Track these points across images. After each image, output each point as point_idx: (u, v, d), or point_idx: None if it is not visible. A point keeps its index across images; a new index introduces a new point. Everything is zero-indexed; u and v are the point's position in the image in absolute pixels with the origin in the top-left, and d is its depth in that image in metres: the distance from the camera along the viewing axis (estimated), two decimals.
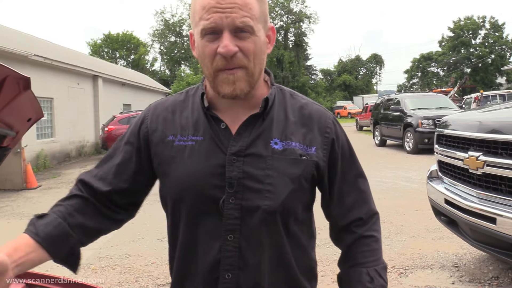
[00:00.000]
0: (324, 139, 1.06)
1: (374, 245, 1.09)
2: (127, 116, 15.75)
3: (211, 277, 1.00)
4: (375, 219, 1.13)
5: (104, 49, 51.07)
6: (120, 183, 1.08)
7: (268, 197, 0.98)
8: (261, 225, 0.99)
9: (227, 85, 0.96)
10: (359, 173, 1.13)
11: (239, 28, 0.93)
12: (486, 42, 51.73)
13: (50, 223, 0.99)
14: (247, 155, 1.00)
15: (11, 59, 11.12)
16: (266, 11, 1.01)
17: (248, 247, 0.99)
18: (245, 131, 1.02)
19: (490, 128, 3.01)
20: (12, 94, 1.18)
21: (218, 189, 0.99)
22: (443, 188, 3.57)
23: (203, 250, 1.01)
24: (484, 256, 4.07)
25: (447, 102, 14.47)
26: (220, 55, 0.94)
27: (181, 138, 1.04)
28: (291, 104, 1.08)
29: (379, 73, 64.53)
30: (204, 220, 1.01)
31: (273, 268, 1.02)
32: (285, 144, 1.02)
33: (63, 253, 0.99)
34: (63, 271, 4.23)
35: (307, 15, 52.70)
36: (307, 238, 1.11)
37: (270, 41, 1.05)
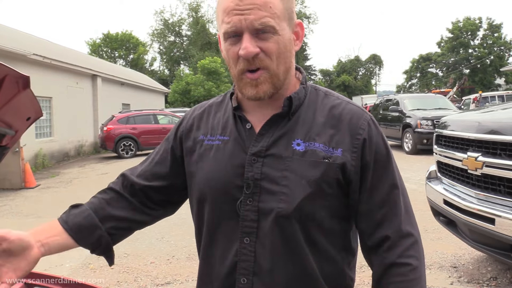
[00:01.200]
0: (354, 140, 0.97)
1: (410, 275, 0.94)
2: (126, 115, 15.76)
3: (228, 281, 0.99)
4: (410, 242, 0.97)
5: (103, 48, 51.00)
6: (156, 181, 1.11)
7: (282, 199, 0.94)
8: (276, 229, 0.94)
9: (250, 87, 0.95)
10: (394, 184, 1.00)
11: (259, 29, 0.91)
12: (485, 43, 51.79)
13: (80, 213, 1.05)
14: (267, 155, 0.97)
15: (10, 58, 11.10)
16: (291, 8, 0.98)
17: (263, 252, 0.95)
18: (267, 131, 0.99)
19: (489, 129, 3.01)
20: (12, 93, 1.18)
21: (237, 190, 0.97)
22: (442, 188, 3.57)
23: (222, 253, 1.00)
24: (483, 257, 4.08)
25: (446, 103, 14.49)
26: (242, 58, 0.93)
27: (210, 137, 1.05)
28: (323, 104, 1.02)
29: (378, 73, 64.58)
30: (223, 221, 1.00)
31: (291, 278, 0.96)
32: (307, 146, 0.96)
33: (89, 242, 1.05)
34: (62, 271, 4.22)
35: (307, 15, 52.76)
36: (340, 252, 1.01)
37: (299, 37, 1.02)
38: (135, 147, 15.18)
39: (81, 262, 4.46)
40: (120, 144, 15.04)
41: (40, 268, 1.18)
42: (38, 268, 1.07)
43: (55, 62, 14.01)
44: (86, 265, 4.38)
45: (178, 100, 33.86)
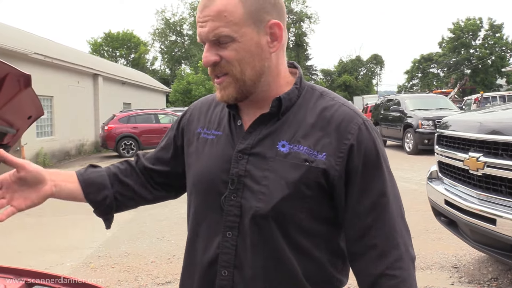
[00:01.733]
0: (341, 145, 0.95)
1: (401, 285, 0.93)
2: (127, 114, 15.77)
3: (210, 272, 1.02)
4: (397, 254, 0.94)
5: (105, 47, 51.04)
6: (159, 165, 1.19)
7: (261, 199, 0.95)
8: (254, 226, 0.96)
9: (218, 91, 1.00)
10: (384, 191, 0.97)
11: (212, 40, 0.94)
12: (486, 44, 51.75)
13: (95, 172, 1.15)
14: (252, 154, 0.99)
15: (11, 57, 11.12)
16: (259, 10, 0.94)
17: (244, 247, 0.98)
18: (255, 129, 1.01)
19: (490, 129, 3.00)
20: (13, 92, 1.18)
21: (223, 185, 1.00)
22: (443, 189, 3.57)
23: (205, 244, 1.04)
24: (484, 257, 4.07)
25: (447, 103, 14.49)
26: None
27: (207, 131, 1.10)
28: (315, 105, 1.01)
29: (379, 73, 64.57)
30: (209, 214, 1.03)
31: (270, 273, 0.97)
32: (292, 148, 0.96)
33: (95, 198, 1.13)
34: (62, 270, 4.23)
35: (308, 15, 52.76)
36: (326, 254, 1.00)
37: (276, 38, 0.97)
38: (136, 146, 15.18)
39: (81, 262, 4.46)
40: (121, 143, 15.04)
41: (40, 267, 1.18)
42: (38, 267, 1.07)
43: (57, 61, 14.02)
44: (87, 264, 4.38)
45: (179, 100, 33.88)
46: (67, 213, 6.83)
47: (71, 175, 1.13)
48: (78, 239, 5.23)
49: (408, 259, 0.96)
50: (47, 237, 5.44)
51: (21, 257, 4.66)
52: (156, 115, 16.14)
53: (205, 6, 0.93)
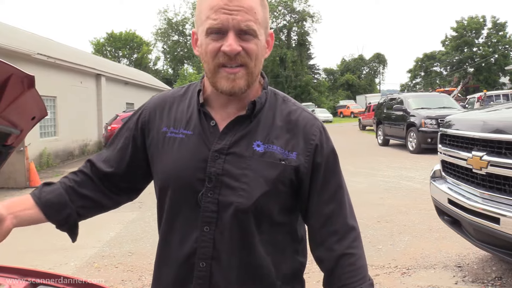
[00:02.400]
0: (307, 145, 1.07)
1: (357, 263, 1.07)
2: (130, 114, 15.77)
3: (187, 264, 1.07)
4: (355, 235, 1.09)
5: (107, 48, 51.17)
6: (119, 168, 1.17)
7: (241, 195, 1.02)
8: (233, 221, 1.03)
9: (226, 81, 1.01)
10: (340, 184, 1.11)
11: (243, 30, 0.98)
12: (489, 42, 51.54)
13: (52, 191, 1.12)
14: (229, 153, 1.04)
15: (14, 57, 11.15)
16: (267, 18, 1.07)
17: (221, 240, 1.04)
18: (231, 130, 1.06)
19: (494, 128, 2.99)
20: (17, 93, 1.19)
21: (199, 183, 1.04)
22: (447, 188, 3.56)
23: (181, 239, 1.08)
24: (487, 256, 4.06)
25: (450, 102, 14.44)
26: (222, 53, 0.99)
27: (173, 130, 1.11)
28: (281, 109, 1.11)
29: (382, 72, 64.44)
30: (184, 210, 1.07)
31: (243, 265, 1.06)
32: (266, 147, 1.05)
33: (58, 218, 1.12)
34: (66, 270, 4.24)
35: (310, 14, 52.65)
36: (289, 241, 1.12)
37: (269, 46, 1.10)
38: None
39: (85, 261, 4.48)
40: None
41: (44, 267, 1.19)
42: (42, 267, 1.08)
43: (59, 61, 14.05)
44: (91, 264, 4.40)
45: None
46: None
47: (27, 200, 1.10)
48: (82, 239, 5.19)
49: (360, 239, 1.11)
50: (51, 237, 5.46)
51: (25, 257, 4.68)
52: None
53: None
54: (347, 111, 44.31)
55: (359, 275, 1.06)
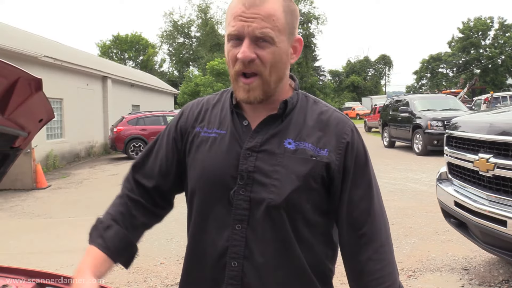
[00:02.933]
0: (339, 143, 1.07)
1: (386, 269, 1.05)
2: (136, 117, 15.85)
3: (219, 264, 1.06)
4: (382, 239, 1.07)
5: (113, 50, 51.44)
6: (165, 179, 1.18)
7: (273, 191, 1.03)
8: (266, 217, 1.03)
9: (242, 91, 1.04)
10: (370, 185, 1.10)
11: (258, 37, 0.99)
12: (496, 43, 51.25)
13: (116, 235, 1.11)
14: (260, 151, 1.06)
15: (21, 60, 11.23)
16: (294, 24, 1.06)
17: (254, 238, 1.04)
18: (262, 129, 1.08)
19: (501, 130, 2.98)
20: (24, 95, 1.20)
21: (231, 180, 1.06)
22: (453, 190, 3.54)
23: (213, 238, 1.08)
24: (494, 259, 4.03)
25: (457, 104, 14.36)
26: (239, 60, 1.01)
27: (207, 130, 1.13)
28: (312, 109, 1.12)
29: (387, 74, 64.26)
30: (216, 208, 1.08)
31: (278, 262, 1.05)
32: (298, 145, 1.06)
33: (126, 259, 1.13)
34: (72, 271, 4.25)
35: (316, 16, 52.64)
36: (323, 245, 1.10)
37: (296, 52, 1.10)
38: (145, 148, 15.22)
39: None
40: (130, 145, 15.13)
41: (51, 268, 1.20)
42: (49, 268, 1.08)
43: (66, 64, 14.14)
44: None
45: (187, 101, 33.97)
46: (77, 214, 6.89)
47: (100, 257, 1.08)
48: (87, 241, 5.24)
49: (389, 244, 1.09)
50: (57, 239, 5.49)
51: (32, 258, 4.70)
52: (165, 116, 16.20)
53: (253, 4, 0.99)
54: (353, 113, 44.16)
55: (388, 281, 1.04)
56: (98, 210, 1.18)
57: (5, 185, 9.22)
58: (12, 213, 7.21)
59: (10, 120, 1.23)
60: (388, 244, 1.08)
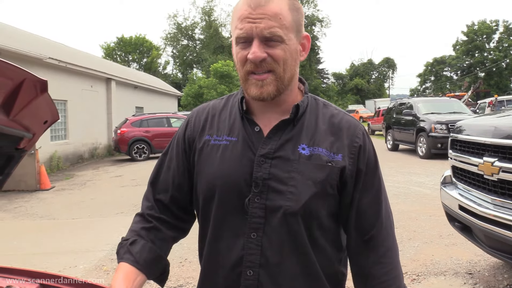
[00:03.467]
0: (351, 148, 1.07)
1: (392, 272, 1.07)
2: (140, 118, 15.89)
3: (234, 273, 1.05)
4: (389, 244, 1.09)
5: (117, 52, 51.61)
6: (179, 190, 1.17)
7: (290, 198, 1.02)
8: (283, 225, 1.02)
9: (255, 87, 1.03)
10: (379, 188, 1.11)
11: (267, 37, 0.99)
12: (501, 46, 51.10)
13: (142, 248, 1.10)
14: (275, 157, 1.04)
15: (26, 61, 11.29)
16: (300, 21, 1.06)
17: (270, 246, 1.02)
18: (275, 135, 1.07)
19: (505, 134, 2.96)
20: (30, 97, 1.20)
21: (246, 188, 1.04)
22: (457, 194, 3.52)
23: (228, 247, 1.06)
24: (499, 263, 4.01)
25: (461, 107, 14.31)
26: (249, 61, 1.01)
27: (217, 138, 1.11)
28: (322, 113, 1.11)
29: (391, 77, 64.17)
30: (230, 217, 1.06)
31: (294, 270, 1.03)
32: (312, 150, 1.05)
33: (158, 273, 1.13)
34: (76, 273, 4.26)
35: (319, 19, 52.74)
36: (333, 249, 1.10)
37: (305, 49, 1.10)
38: (148, 150, 15.29)
39: (94, 264, 4.50)
40: (133, 147, 15.17)
41: (54, 269, 1.20)
42: (52, 269, 1.08)
43: (70, 65, 14.20)
44: (100, 267, 4.41)
45: (191, 103, 34.04)
46: (80, 216, 6.90)
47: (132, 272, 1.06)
48: (91, 242, 5.27)
49: (395, 249, 1.10)
50: (61, 240, 5.50)
51: (35, 259, 4.71)
52: (168, 119, 16.24)
53: (259, 5, 0.99)
54: (356, 115, 44.03)
55: (393, 285, 1.06)
56: (101, 211, 1.18)
57: (9, 186, 9.26)
58: (15, 214, 7.23)
59: (15, 121, 1.23)
60: (394, 248, 1.09)
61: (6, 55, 10.29)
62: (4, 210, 7.57)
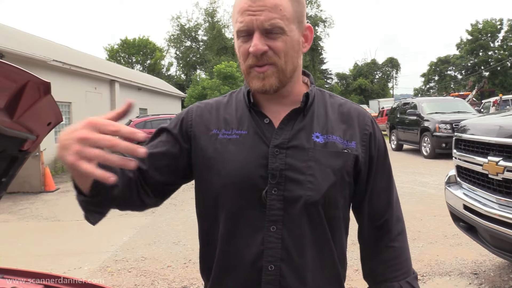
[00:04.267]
0: (363, 135, 1.08)
1: (402, 256, 1.10)
2: (143, 120, 15.92)
3: (254, 269, 1.01)
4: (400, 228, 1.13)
5: (121, 54, 51.74)
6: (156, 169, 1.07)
7: (310, 188, 1.00)
8: (303, 216, 1.00)
9: (257, 80, 1.02)
10: (390, 174, 1.14)
11: (268, 29, 0.98)
12: (505, 45, 50.85)
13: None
14: (289, 147, 1.02)
15: (30, 64, 11.35)
16: (302, 12, 1.05)
17: (290, 239, 1.00)
18: (286, 125, 1.05)
19: (510, 133, 2.95)
20: (33, 99, 1.21)
21: (261, 180, 1.01)
22: (462, 193, 3.51)
23: (246, 242, 1.02)
24: (504, 263, 3.99)
25: (465, 106, 14.26)
26: (251, 54, 0.99)
27: (225, 132, 1.07)
28: (330, 102, 1.12)
29: (395, 76, 63.94)
30: (246, 212, 1.02)
31: (316, 262, 1.03)
32: (326, 138, 1.04)
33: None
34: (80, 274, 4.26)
35: (323, 19, 52.64)
36: (345, 238, 1.12)
37: (307, 40, 1.08)
38: None
39: (99, 265, 4.51)
40: None
41: (59, 271, 1.20)
42: (56, 271, 1.08)
43: (74, 68, 14.26)
44: (104, 268, 4.42)
45: None
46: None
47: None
48: (95, 243, 5.29)
49: (405, 232, 1.14)
50: (65, 241, 5.52)
51: (40, 261, 4.73)
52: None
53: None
54: None
55: (404, 268, 1.08)
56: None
57: (14, 188, 9.30)
58: (20, 216, 7.27)
59: (19, 123, 1.24)
60: (403, 232, 1.13)
61: (11, 57, 10.34)
62: (9, 212, 7.61)
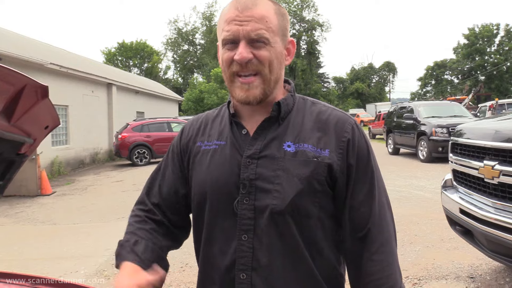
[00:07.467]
0: (339, 142, 1.05)
1: (386, 270, 1.02)
2: (140, 123, 15.91)
3: (228, 277, 1.04)
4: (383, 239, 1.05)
5: (118, 57, 51.73)
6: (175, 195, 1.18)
7: (276, 196, 1.01)
8: (271, 225, 1.01)
9: (240, 90, 1.04)
10: (373, 183, 1.07)
11: (253, 39, 1.00)
12: (501, 50, 51.14)
13: (146, 248, 1.09)
14: (261, 157, 1.05)
15: (27, 67, 11.33)
16: (286, 26, 1.09)
17: (260, 248, 1.02)
18: (260, 135, 1.07)
19: (506, 137, 2.96)
20: (31, 103, 1.21)
21: (235, 190, 1.04)
22: (458, 197, 3.52)
23: (221, 250, 1.06)
24: (501, 267, 4.00)
25: (462, 110, 14.31)
26: (236, 61, 1.01)
27: (207, 143, 1.13)
28: (310, 111, 1.11)
29: (392, 81, 64.21)
30: (222, 220, 1.06)
31: (288, 272, 1.02)
32: (297, 147, 1.04)
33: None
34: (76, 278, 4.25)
35: (320, 23, 52.86)
36: (332, 248, 1.08)
37: (290, 53, 1.12)
38: (149, 154, 15.30)
39: (95, 269, 4.49)
40: (134, 152, 15.18)
41: (55, 275, 1.20)
42: (53, 275, 1.08)
43: (71, 71, 14.24)
44: (101, 272, 4.41)
45: (191, 108, 34.10)
46: (81, 221, 6.90)
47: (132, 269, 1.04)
48: (92, 247, 5.26)
49: (390, 242, 1.06)
50: (62, 245, 5.50)
51: (36, 264, 4.71)
52: (169, 123, 16.26)
53: (246, 7, 1.01)
54: (357, 119, 44.10)
55: (387, 283, 1.02)
56: (102, 216, 1.18)
57: (10, 191, 9.26)
58: (16, 219, 7.23)
59: (16, 127, 1.24)
60: (388, 244, 1.05)
61: (8, 61, 10.33)
62: (5, 215, 7.57)
